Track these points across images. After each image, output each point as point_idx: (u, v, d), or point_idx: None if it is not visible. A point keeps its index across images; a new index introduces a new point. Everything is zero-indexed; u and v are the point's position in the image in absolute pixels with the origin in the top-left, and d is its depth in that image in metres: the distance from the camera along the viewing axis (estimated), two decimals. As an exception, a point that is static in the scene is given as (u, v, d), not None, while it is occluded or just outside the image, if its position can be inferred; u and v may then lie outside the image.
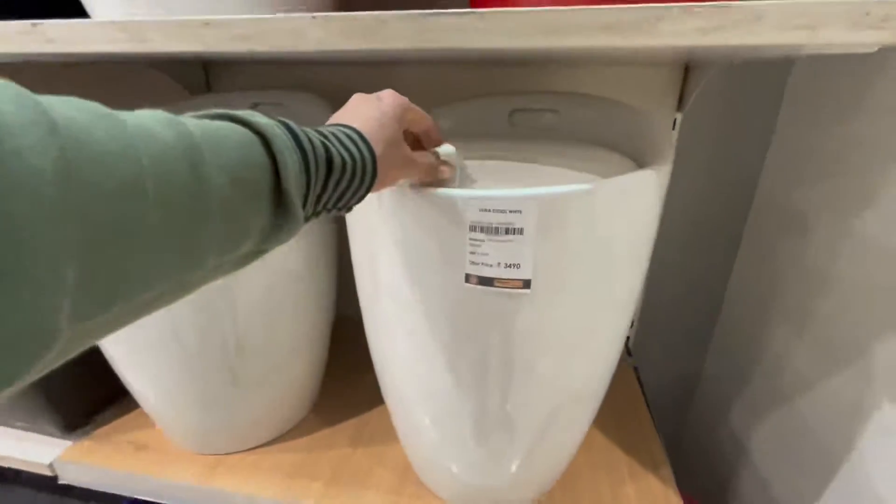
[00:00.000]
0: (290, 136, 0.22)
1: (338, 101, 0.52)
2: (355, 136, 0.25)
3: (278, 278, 0.45)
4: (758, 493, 0.59)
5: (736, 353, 0.69)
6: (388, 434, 0.53)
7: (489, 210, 0.29)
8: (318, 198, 0.24)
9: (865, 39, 0.24)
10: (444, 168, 0.32)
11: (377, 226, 0.34)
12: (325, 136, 0.24)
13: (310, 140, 0.22)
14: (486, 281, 0.31)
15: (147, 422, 0.54)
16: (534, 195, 0.29)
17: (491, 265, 0.30)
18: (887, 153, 0.43)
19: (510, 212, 0.29)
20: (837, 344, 0.48)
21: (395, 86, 0.64)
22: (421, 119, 0.32)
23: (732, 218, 0.67)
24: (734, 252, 0.70)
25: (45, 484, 0.54)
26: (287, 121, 0.23)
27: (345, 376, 0.63)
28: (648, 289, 0.72)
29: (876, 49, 0.26)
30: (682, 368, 0.79)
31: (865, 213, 0.46)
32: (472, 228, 0.30)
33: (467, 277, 0.31)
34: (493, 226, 0.29)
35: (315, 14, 0.30)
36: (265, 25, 0.30)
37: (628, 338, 0.74)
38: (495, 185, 0.33)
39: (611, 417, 0.57)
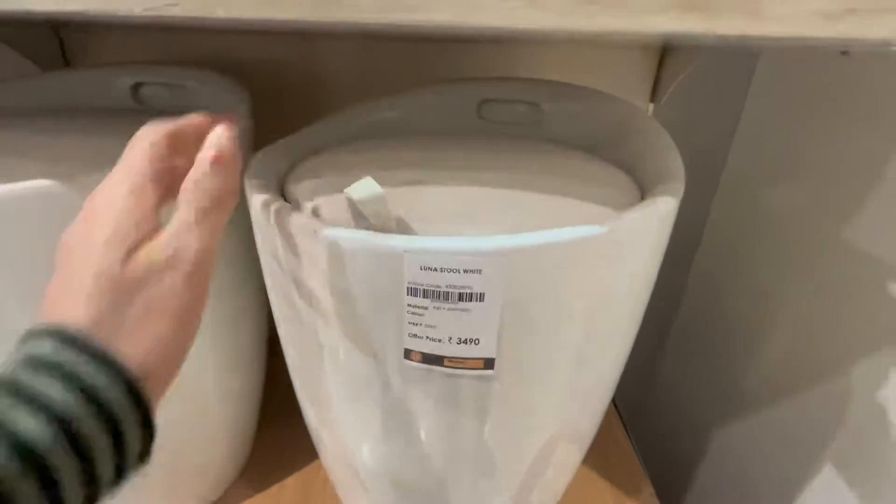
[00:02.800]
0: None
1: (248, 80, 0.42)
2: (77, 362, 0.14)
3: None
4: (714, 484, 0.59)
5: (693, 351, 0.68)
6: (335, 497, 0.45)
7: (435, 269, 0.20)
8: None
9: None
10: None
11: (291, 273, 0.24)
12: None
13: None
14: (432, 359, 0.22)
15: None
16: (500, 248, 0.19)
17: (440, 340, 0.21)
18: (845, 150, 0.43)
19: (465, 272, 0.19)
20: (792, 340, 0.50)
21: (329, 68, 0.52)
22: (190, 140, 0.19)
23: (695, 215, 0.66)
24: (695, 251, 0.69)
25: None
26: None
27: (281, 420, 0.52)
28: None
29: None
30: (640, 369, 0.78)
31: (819, 210, 0.46)
32: (412, 292, 0.20)
33: (407, 353, 0.22)
34: (442, 290, 0.20)
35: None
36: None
37: None
38: (448, 220, 0.23)
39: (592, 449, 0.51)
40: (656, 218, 0.23)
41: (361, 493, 0.34)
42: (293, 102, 0.50)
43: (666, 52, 0.52)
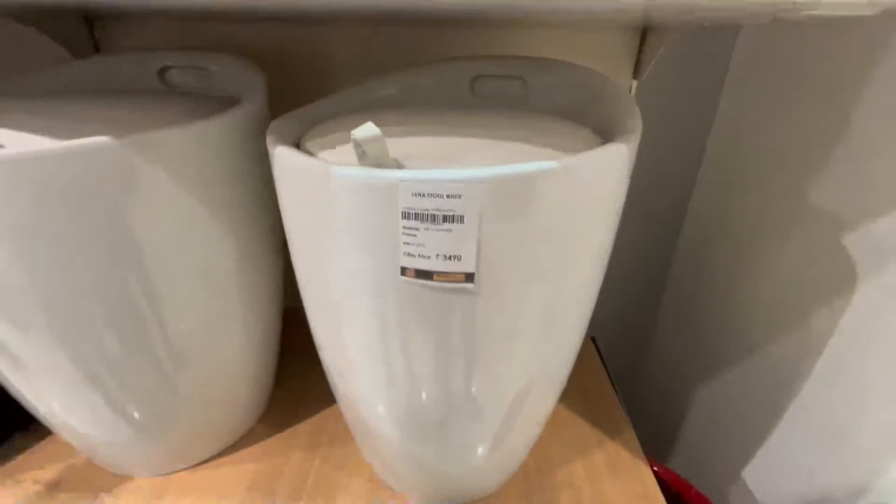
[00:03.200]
0: None
1: (262, 63, 0.46)
2: None
3: (211, 276, 0.40)
4: (701, 440, 0.64)
5: (681, 316, 0.73)
6: (349, 437, 0.50)
7: (424, 194, 0.24)
8: None
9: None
10: None
11: (308, 211, 0.29)
12: None
13: None
14: (424, 274, 0.27)
15: (61, 453, 0.48)
16: (475, 177, 0.24)
17: (429, 257, 0.26)
18: (818, 128, 0.47)
19: (448, 196, 0.24)
20: (768, 306, 0.54)
21: (334, 51, 0.57)
22: None
23: (682, 185, 0.71)
24: (682, 218, 0.74)
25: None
26: None
27: (296, 373, 0.59)
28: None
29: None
30: (636, 331, 0.83)
31: (793, 182, 0.50)
32: (406, 216, 0.25)
33: (403, 270, 0.27)
34: (430, 213, 0.25)
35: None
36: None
37: None
38: (436, 163, 0.28)
39: (575, 392, 0.56)
40: (604, 159, 0.28)
41: (370, 425, 0.39)
42: (302, 82, 0.55)
43: (647, 32, 0.56)
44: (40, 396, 0.39)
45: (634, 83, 0.58)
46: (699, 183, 0.69)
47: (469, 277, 0.27)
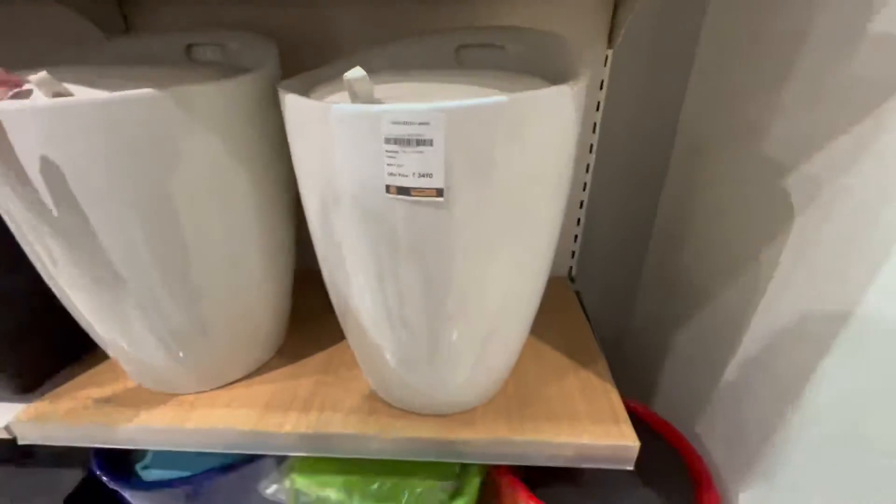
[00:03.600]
0: None
1: (277, 41, 0.54)
2: None
3: (232, 216, 0.47)
4: (682, 389, 0.69)
5: (663, 275, 0.78)
6: (353, 366, 0.57)
7: (401, 122, 0.31)
8: None
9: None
10: None
11: (312, 143, 0.37)
12: None
13: None
14: (403, 191, 0.33)
15: (109, 376, 0.56)
16: (440, 107, 0.31)
17: (407, 175, 0.33)
18: (775, 79, 0.51)
19: (419, 124, 0.31)
20: (741, 259, 0.57)
21: (337, 27, 0.65)
22: None
23: (662, 144, 0.76)
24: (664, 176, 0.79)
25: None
26: None
27: (308, 321, 0.66)
28: (588, 217, 0.78)
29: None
30: (622, 290, 0.90)
31: (763, 140, 0.53)
32: (388, 141, 0.32)
33: (387, 188, 0.34)
34: (406, 138, 0.32)
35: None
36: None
37: (570, 267, 0.80)
38: (413, 101, 0.34)
39: (557, 336, 0.63)
40: (547, 97, 0.34)
41: (366, 342, 0.47)
42: (309, 55, 0.62)
43: (618, 3, 0.61)
44: (102, 323, 0.48)
45: (609, 52, 0.64)
46: (677, 143, 0.74)
47: (440, 192, 0.33)
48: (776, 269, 0.51)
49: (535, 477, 0.56)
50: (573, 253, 0.78)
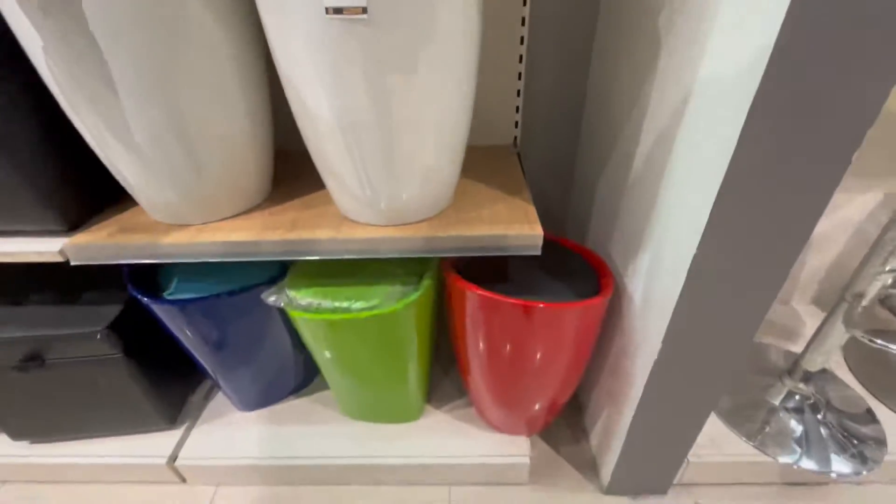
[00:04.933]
0: None
1: None
2: None
3: (215, 66, 0.58)
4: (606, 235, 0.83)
5: (592, 141, 0.90)
6: (329, 203, 0.71)
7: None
8: None
9: None
10: None
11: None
12: None
13: None
14: (337, 10, 0.45)
15: (138, 214, 0.71)
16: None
17: (341, -3, 0.45)
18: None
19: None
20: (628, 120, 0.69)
21: None
22: None
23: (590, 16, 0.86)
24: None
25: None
26: None
27: (290, 178, 0.80)
28: (528, 89, 0.89)
29: None
30: (564, 158, 1.03)
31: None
32: (322, -32, 0.44)
33: (326, 10, 0.46)
34: (335, -36, 0.43)
35: None
36: None
37: (515, 137, 0.93)
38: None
39: (496, 182, 0.77)
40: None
41: (328, 163, 0.60)
42: None
43: None
44: (124, 164, 0.61)
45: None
46: (601, 10, 0.84)
47: (364, 10, 0.45)
48: (657, 130, 0.64)
49: (473, 276, 0.72)
50: (516, 123, 0.90)
